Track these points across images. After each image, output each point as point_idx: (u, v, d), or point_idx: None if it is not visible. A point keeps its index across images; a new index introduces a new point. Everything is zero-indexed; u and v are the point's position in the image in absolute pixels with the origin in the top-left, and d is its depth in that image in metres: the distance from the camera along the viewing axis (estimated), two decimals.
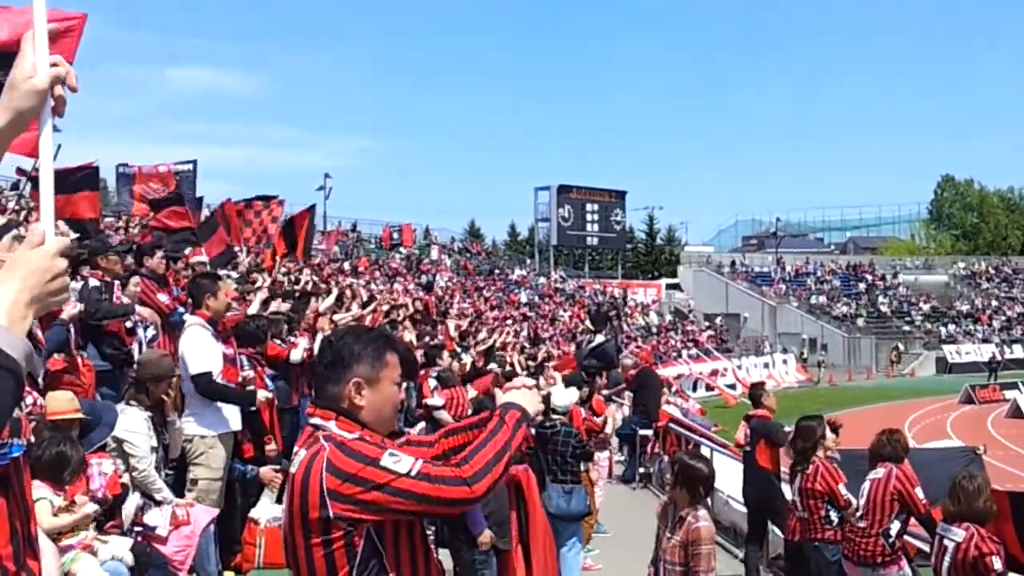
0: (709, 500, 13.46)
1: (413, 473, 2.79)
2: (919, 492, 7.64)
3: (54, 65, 2.05)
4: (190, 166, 14.23)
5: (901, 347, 57.49)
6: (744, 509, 11.27)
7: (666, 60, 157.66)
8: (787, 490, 9.19)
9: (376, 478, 2.79)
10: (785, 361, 49.08)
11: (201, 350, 7.39)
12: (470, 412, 8.26)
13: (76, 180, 10.58)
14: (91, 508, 5.47)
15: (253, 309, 9.93)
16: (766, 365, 46.40)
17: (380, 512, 2.81)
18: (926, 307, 64.97)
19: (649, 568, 6.58)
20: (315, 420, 3.06)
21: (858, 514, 7.92)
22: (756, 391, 11.23)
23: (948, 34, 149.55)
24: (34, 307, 1.91)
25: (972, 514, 6.38)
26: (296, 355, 9.83)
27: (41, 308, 1.94)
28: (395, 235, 50.19)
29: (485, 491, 2.83)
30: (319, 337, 9.76)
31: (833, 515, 8.08)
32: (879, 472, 7.86)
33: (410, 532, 2.98)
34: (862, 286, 67.36)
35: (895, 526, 7.71)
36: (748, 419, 11.04)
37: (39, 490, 5.21)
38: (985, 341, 58.96)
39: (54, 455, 5.31)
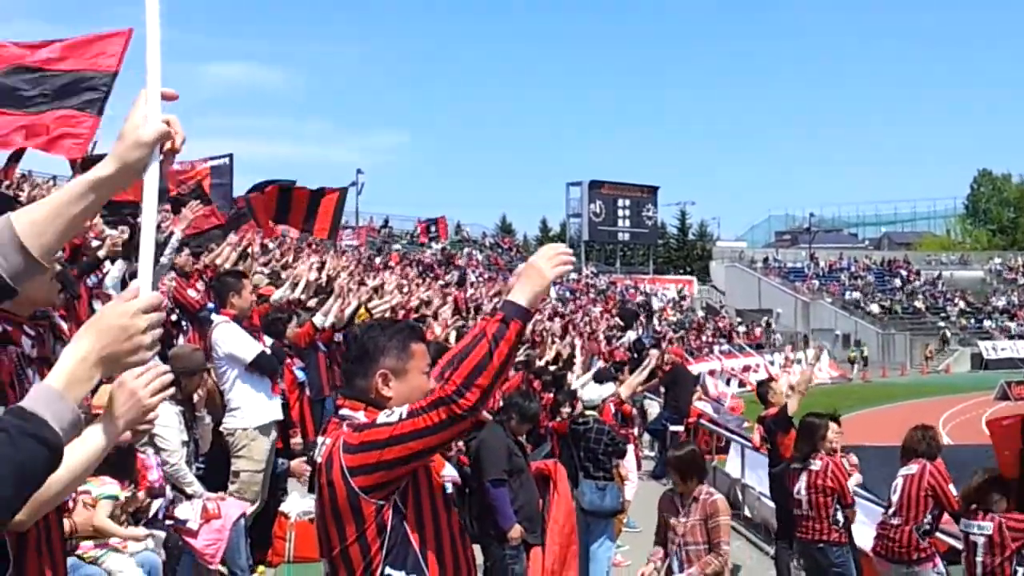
0: (741, 495, 13.46)
1: (404, 416, 2.84)
2: (952, 489, 7.59)
3: (165, 122, 2.06)
4: (226, 160, 14.11)
5: (948, 334, 57.05)
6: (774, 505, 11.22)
7: (698, 55, 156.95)
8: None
9: (380, 436, 2.85)
10: (818, 357, 48.67)
11: (241, 338, 7.49)
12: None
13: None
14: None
15: (277, 295, 9.94)
16: (799, 361, 46.02)
17: (399, 465, 2.85)
18: (962, 303, 64.30)
19: (655, 551, 6.74)
20: (344, 411, 3.11)
21: (891, 511, 7.86)
22: (763, 389, 11.10)
23: (985, 28, 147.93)
24: (103, 368, 1.86)
25: (976, 495, 6.58)
26: None
27: (111, 368, 1.89)
28: (432, 228, 50.27)
29: (475, 403, 2.78)
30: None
31: (840, 516, 8.00)
32: (912, 468, 7.80)
33: (432, 501, 3.01)
34: (897, 282, 66.76)
35: (928, 522, 7.67)
36: (761, 420, 10.98)
37: (108, 486, 5.29)
38: (1021, 337, 58.16)
39: (123, 450, 5.40)
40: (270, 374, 7.63)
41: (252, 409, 7.44)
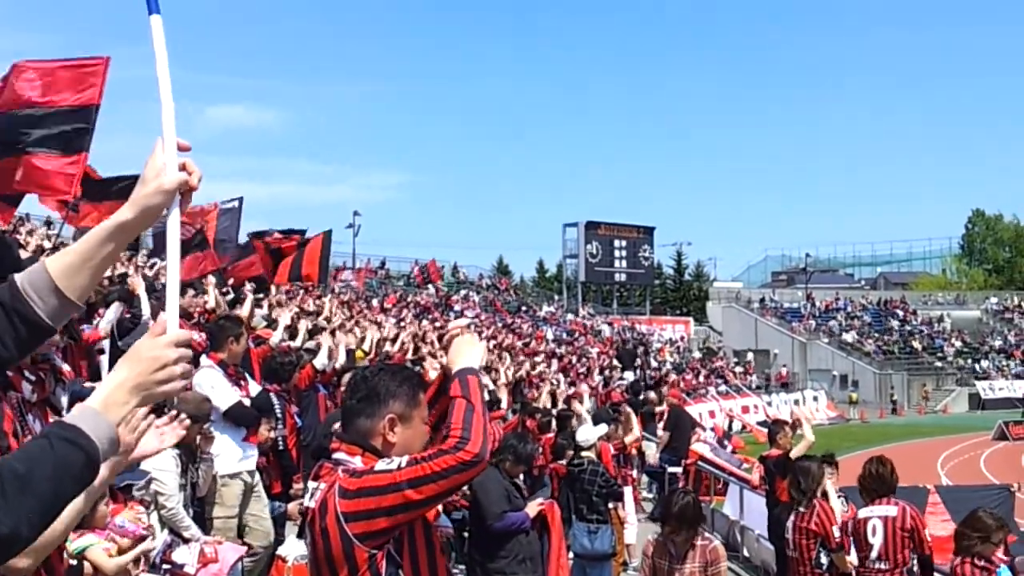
0: (739, 536, 13.40)
1: (404, 465, 2.84)
2: (927, 533, 7.54)
3: (183, 168, 2.13)
4: (235, 203, 14.19)
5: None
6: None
7: (695, 95, 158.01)
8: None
9: (380, 482, 2.84)
10: (816, 398, 48.65)
11: (220, 386, 7.47)
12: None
13: (117, 190, 10.49)
14: (148, 544, 5.47)
15: (275, 338, 9.92)
16: (796, 402, 45.99)
17: (398, 512, 2.83)
18: (958, 343, 64.37)
19: None
20: (339, 455, 3.09)
21: (874, 555, 7.74)
22: (774, 429, 11.08)
23: (978, 68, 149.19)
24: (138, 395, 1.94)
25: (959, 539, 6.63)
26: None
27: (146, 397, 1.96)
28: (424, 273, 50.27)
29: (480, 449, 2.84)
30: None
31: (823, 558, 7.92)
32: (891, 510, 7.68)
33: (429, 552, 3.01)
34: (893, 322, 66.86)
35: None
36: (763, 460, 10.95)
37: (83, 538, 5.20)
38: (1018, 377, 58.26)
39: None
40: (243, 423, 7.62)
41: (225, 456, 7.42)
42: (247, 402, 7.68)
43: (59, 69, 6.58)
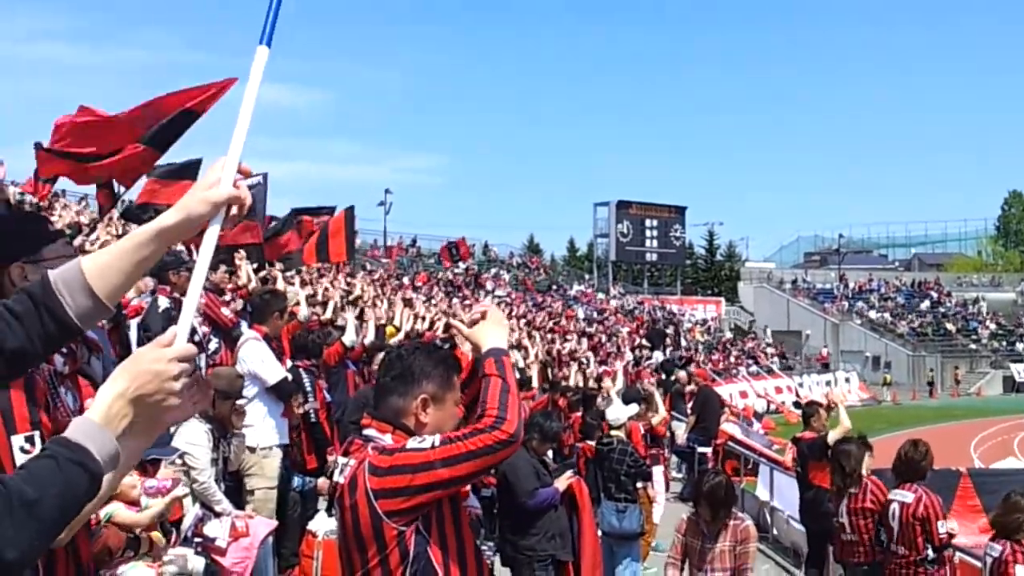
0: (769, 518, 13.37)
1: (438, 444, 2.85)
2: (941, 526, 7.43)
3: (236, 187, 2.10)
4: (260, 179, 14.22)
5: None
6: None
7: (726, 76, 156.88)
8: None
9: (413, 460, 2.84)
10: (848, 379, 48.33)
11: (269, 360, 7.52)
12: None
13: (178, 169, 10.48)
14: (180, 491, 5.50)
15: (303, 312, 9.98)
16: (828, 383, 45.69)
17: (430, 491, 2.84)
18: (993, 325, 63.70)
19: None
20: (369, 432, 3.10)
21: (893, 538, 7.68)
22: (808, 410, 11.00)
23: (1016, 50, 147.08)
24: (135, 407, 1.88)
25: (1002, 526, 6.61)
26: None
27: (141, 409, 1.89)
28: (454, 251, 50.13)
29: (516, 427, 2.88)
30: None
31: (883, 535, 7.89)
32: (908, 496, 7.61)
33: (457, 529, 3.00)
34: (927, 303, 66.21)
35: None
36: (796, 441, 10.89)
37: (108, 507, 5.24)
38: None
39: None
40: (285, 398, 7.68)
41: (265, 429, 7.49)
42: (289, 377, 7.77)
43: (192, 89, 6.86)
